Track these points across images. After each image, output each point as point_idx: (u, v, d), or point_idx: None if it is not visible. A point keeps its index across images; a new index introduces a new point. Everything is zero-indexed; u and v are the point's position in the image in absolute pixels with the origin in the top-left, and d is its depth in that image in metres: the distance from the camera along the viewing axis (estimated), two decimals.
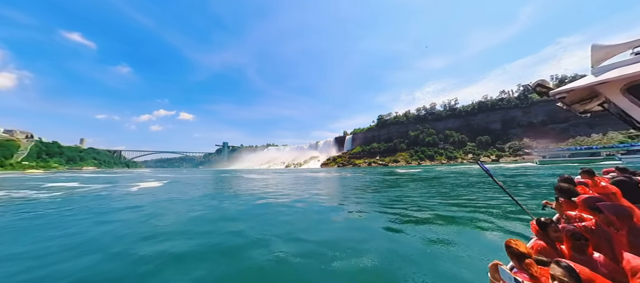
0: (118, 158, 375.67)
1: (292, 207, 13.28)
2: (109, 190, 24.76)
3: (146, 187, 28.09)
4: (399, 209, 11.81)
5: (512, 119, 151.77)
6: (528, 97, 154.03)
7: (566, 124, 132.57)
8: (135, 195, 19.89)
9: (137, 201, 16.68)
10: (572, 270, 1.54)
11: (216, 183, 32.46)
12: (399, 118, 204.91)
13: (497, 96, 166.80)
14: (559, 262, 1.65)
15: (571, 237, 2.10)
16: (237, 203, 14.85)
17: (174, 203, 15.53)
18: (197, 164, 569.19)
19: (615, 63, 2.08)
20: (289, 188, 24.15)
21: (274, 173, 75.00)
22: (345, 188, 22.86)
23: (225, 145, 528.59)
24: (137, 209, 13.52)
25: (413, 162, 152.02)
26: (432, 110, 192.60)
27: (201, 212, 12.50)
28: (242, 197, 18.03)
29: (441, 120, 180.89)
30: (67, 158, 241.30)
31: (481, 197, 14.65)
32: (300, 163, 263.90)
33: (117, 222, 10.64)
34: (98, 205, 15.14)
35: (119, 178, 47.30)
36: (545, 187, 18.61)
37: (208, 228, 9.26)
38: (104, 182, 37.60)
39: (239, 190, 22.75)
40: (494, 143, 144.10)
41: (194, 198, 17.30)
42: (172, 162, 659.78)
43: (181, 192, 21.53)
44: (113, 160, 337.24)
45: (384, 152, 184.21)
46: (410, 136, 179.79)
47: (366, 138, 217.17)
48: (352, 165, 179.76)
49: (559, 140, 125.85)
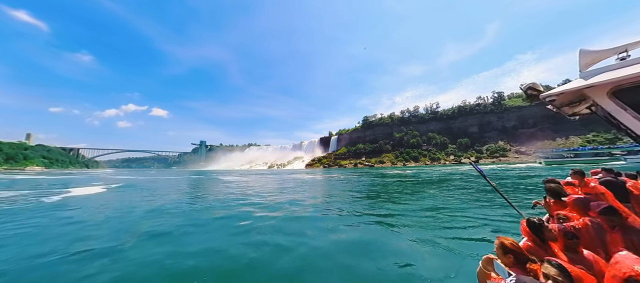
0: (75, 158, 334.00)
1: (267, 234, 8.39)
2: (15, 200, 17.58)
3: (79, 194, 21.29)
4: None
5: (488, 123, 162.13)
6: (501, 103, 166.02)
7: (534, 129, 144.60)
8: (38, 211, 13.65)
9: (29, 221, 10.94)
10: (565, 269, 1.60)
11: (181, 188, 26.90)
12: (384, 119, 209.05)
13: (474, 102, 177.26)
14: (551, 261, 1.70)
15: (564, 236, 2.19)
16: (190, 223, 10.33)
17: (88, 226, 10.02)
18: (171, 164, 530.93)
19: (602, 68, 2.16)
20: (268, 193, 20.35)
21: (255, 174, 69.35)
22: (342, 198, 17.03)
23: (202, 144, 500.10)
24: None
25: (398, 163, 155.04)
26: (415, 112, 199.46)
27: (120, 242, 7.76)
28: (201, 211, 12.99)
29: (424, 122, 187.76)
30: (6, 156, 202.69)
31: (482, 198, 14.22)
32: (283, 163, 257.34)
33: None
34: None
35: (57, 182, 38.69)
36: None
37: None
38: (27, 186, 29.03)
39: (204, 199, 18.13)
40: (472, 146, 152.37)
41: (133, 214, 12.39)
42: (142, 161, 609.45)
43: (123, 204, 16.05)
44: (69, 159, 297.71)
45: (369, 153, 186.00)
46: (395, 137, 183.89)
47: (352, 139, 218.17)
48: (337, 166, 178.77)
49: (528, 143, 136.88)
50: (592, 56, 2.21)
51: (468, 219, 9.55)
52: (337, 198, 16.83)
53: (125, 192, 23.99)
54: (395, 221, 9.82)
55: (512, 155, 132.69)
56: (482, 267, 2.11)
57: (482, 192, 16.62)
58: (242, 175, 61.54)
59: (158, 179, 46.60)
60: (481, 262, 2.13)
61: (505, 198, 3.72)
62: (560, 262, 1.66)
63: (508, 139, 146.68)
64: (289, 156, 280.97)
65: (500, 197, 4.07)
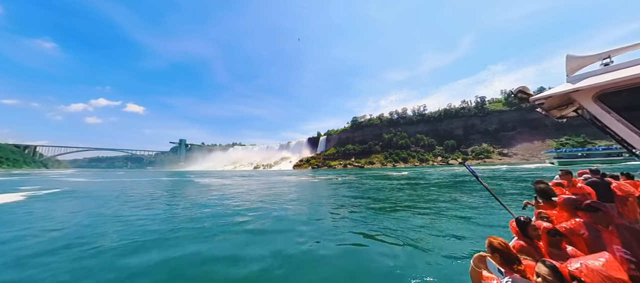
0: (30, 156, 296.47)
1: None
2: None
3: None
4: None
5: (472, 125, 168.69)
6: (484, 107, 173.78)
7: (514, 132, 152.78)
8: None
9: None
10: (557, 270, 1.64)
11: (142, 194, 21.49)
12: (373, 120, 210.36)
13: (459, 105, 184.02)
14: (544, 261, 1.73)
15: (547, 234, 2.34)
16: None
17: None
18: (146, 165, 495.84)
19: (587, 73, 2.25)
20: (249, 202, 16.21)
21: (238, 176, 62.00)
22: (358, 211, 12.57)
23: (182, 143, 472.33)
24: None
25: (388, 164, 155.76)
26: (404, 114, 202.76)
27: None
28: (140, 237, 8.35)
29: (412, 124, 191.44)
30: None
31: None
32: (270, 164, 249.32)
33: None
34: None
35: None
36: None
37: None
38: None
39: (163, 208, 14.23)
40: (458, 147, 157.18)
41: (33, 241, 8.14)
42: (113, 161, 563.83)
43: (20, 223, 10.83)
44: (23, 157, 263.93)
45: (359, 153, 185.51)
46: (384, 138, 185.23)
47: (341, 139, 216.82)
48: (327, 166, 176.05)
49: (510, 145, 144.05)
50: (578, 61, 2.30)
51: (460, 220, 9.55)
52: (351, 208, 13.10)
53: (51, 202, 17.60)
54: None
55: (496, 157, 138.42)
56: (474, 265, 2.13)
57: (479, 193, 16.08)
58: (223, 177, 54.69)
59: (123, 182, 39.59)
60: (473, 261, 2.15)
61: (497, 198, 3.84)
62: (553, 263, 1.70)
63: (491, 141, 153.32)
64: (276, 156, 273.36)
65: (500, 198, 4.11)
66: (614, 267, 1.56)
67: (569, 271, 1.60)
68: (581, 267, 1.58)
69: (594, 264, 1.57)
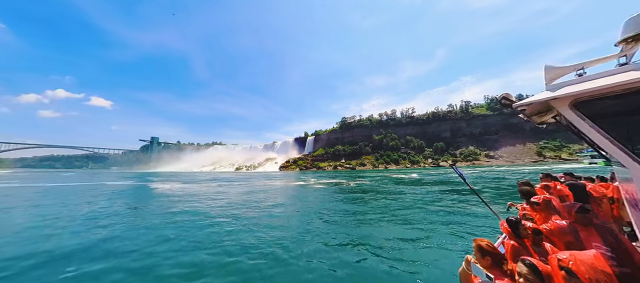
0: None
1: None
2: None
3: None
4: None
5: (458, 128, 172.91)
6: (469, 111, 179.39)
7: (497, 136, 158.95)
8: None
9: None
10: (536, 268, 1.68)
11: (49, 212, 14.43)
12: (363, 122, 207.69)
13: (446, 109, 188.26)
14: (524, 260, 1.78)
15: (532, 232, 2.51)
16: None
17: None
18: (110, 165, 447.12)
19: (564, 82, 2.40)
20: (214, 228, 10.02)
21: (213, 181, 48.51)
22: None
23: (154, 141, 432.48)
24: None
25: (380, 166, 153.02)
26: (393, 116, 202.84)
27: None
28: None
29: (401, 126, 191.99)
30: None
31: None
32: (254, 165, 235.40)
33: None
34: None
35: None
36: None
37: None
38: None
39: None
40: (447, 149, 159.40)
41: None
42: (71, 160, 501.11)
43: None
44: None
45: (349, 155, 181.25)
46: (374, 140, 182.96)
47: (330, 140, 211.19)
48: (316, 168, 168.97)
49: (494, 148, 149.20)
50: (555, 71, 2.46)
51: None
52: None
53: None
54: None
55: (484, 159, 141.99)
56: (464, 267, 2.20)
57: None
58: (194, 182, 43.52)
59: (55, 188, 31.10)
60: (464, 263, 2.23)
61: (483, 200, 3.99)
62: (532, 261, 1.74)
63: (477, 144, 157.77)
64: (260, 157, 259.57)
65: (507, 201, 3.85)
66: (599, 260, 1.67)
67: (558, 260, 1.66)
68: (570, 257, 1.65)
69: (582, 256, 1.67)
